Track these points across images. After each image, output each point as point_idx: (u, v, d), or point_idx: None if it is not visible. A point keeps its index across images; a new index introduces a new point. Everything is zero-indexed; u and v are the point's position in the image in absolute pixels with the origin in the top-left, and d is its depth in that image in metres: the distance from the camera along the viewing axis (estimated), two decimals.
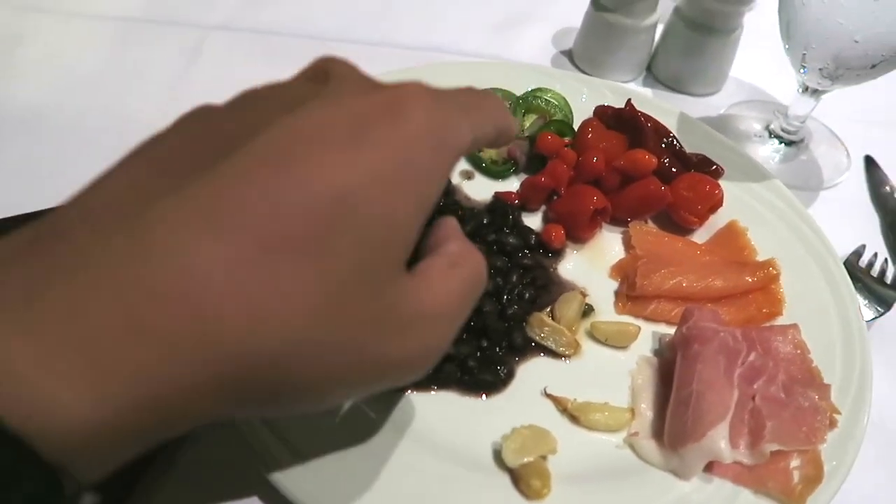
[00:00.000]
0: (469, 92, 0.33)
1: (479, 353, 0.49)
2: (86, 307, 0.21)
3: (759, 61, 0.83)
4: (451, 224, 0.34)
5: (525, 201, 0.60)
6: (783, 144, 0.74)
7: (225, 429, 0.42)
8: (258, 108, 0.28)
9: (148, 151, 0.27)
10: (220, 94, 0.71)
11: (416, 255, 0.30)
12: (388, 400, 0.46)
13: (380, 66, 0.70)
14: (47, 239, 0.23)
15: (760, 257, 0.58)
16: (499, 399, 0.48)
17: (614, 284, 0.57)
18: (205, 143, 0.26)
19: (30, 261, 0.22)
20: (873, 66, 0.58)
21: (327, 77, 0.30)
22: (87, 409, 0.21)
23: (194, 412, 0.24)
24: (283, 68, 0.73)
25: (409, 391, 0.47)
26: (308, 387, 0.26)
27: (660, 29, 0.79)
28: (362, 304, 0.26)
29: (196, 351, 0.22)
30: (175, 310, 0.22)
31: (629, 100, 0.64)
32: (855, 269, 0.60)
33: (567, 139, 0.63)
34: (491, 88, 0.67)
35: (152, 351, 0.22)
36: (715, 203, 0.59)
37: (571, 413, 0.47)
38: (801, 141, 0.74)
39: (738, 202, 0.61)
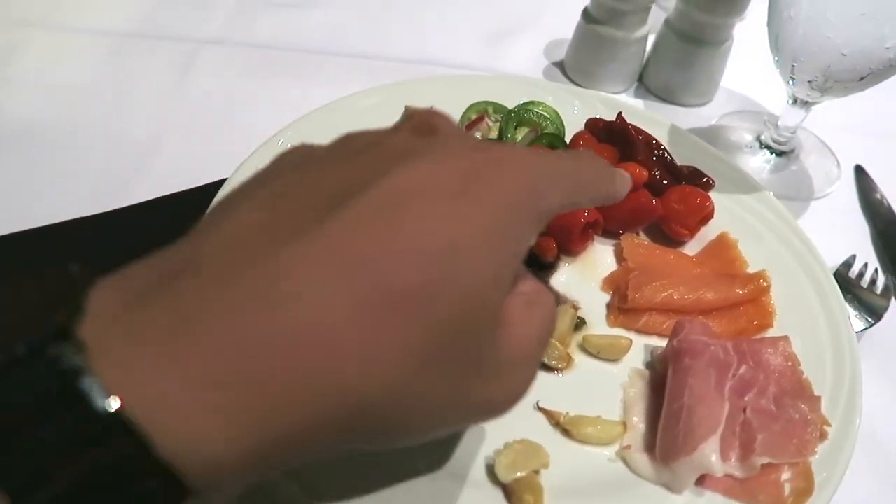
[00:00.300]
0: (574, 157, 0.35)
1: None
2: (226, 347, 0.22)
3: (749, 72, 0.84)
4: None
5: None
6: (774, 155, 0.74)
7: None
8: (368, 156, 0.28)
9: (257, 192, 0.27)
10: (213, 108, 0.71)
11: None
12: None
13: (372, 80, 0.71)
14: (182, 275, 0.24)
15: (751, 269, 0.58)
16: None
17: (606, 297, 0.57)
18: (317, 190, 0.26)
19: (170, 295, 0.23)
20: (861, 79, 0.59)
21: (433, 132, 0.31)
22: (222, 446, 0.22)
23: (307, 449, 0.24)
24: (277, 82, 0.74)
25: None
26: (406, 428, 0.27)
27: (651, 40, 0.79)
28: (462, 354, 0.27)
29: (318, 396, 0.23)
30: (304, 355, 0.23)
31: (620, 113, 0.64)
32: (845, 279, 0.61)
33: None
34: (483, 101, 0.67)
35: (283, 396, 0.23)
36: (706, 215, 0.60)
37: (564, 427, 0.48)
38: (792, 151, 0.75)
39: (728, 214, 0.62)
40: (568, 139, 0.65)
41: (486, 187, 0.27)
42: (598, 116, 0.66)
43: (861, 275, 0.62)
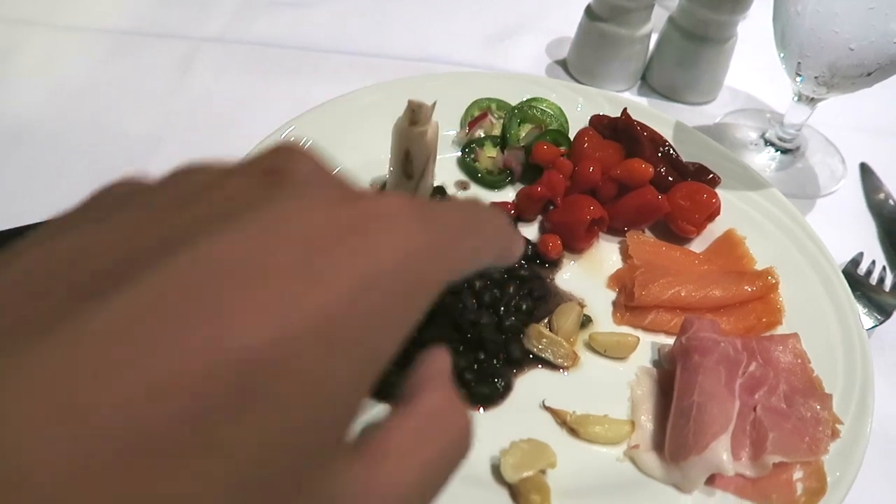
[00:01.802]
0: (467, 208, 0.27)
1: (476, 366, 0.49)
2: None
3: (753, 70, 0.83)
4: (440, 363, 0.27)
5: (521, 212, 0.60)
6: (779, 152, 0.73)
7: None
8: (190, 209, 0.21)
9: (30, 252, 0.20)
10: (214, 105, 0.70)
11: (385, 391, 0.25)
12: (382, 413, 0.45)
13: (374, 77, 0.70)
14: None
15: (758, 266, 0.57)
16: (497, 412, 0.47)
17: (612, 295, 0.56)
18: (101, 258, 0.19)
19: None
20: (869, 74, 0.58)
21: (286, 177, 0.23)
22: None
23: None
24: (278, 80, 0.73)
25: None
26: None
27: (654, 38, 0.79)
28: None
29: None
30: None
31: (625, 109, 0.63)
32: (853, 277, 0.60)
33: (563, 149, 0.63)
34: (486, 98, 0.66)
35: None
36: (712, 212, 0.59)
37: (570, 426, 0.47)
38: (797, 149, 0.74)
39: (735, 211, 0.61)
40: (571, 136, 0.64)
41: (336, 260, 0.20)
42: (602, 113, 0.65)
43: (869, 272, 0.61)
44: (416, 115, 0.52)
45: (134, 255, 0.19)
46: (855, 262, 0.62)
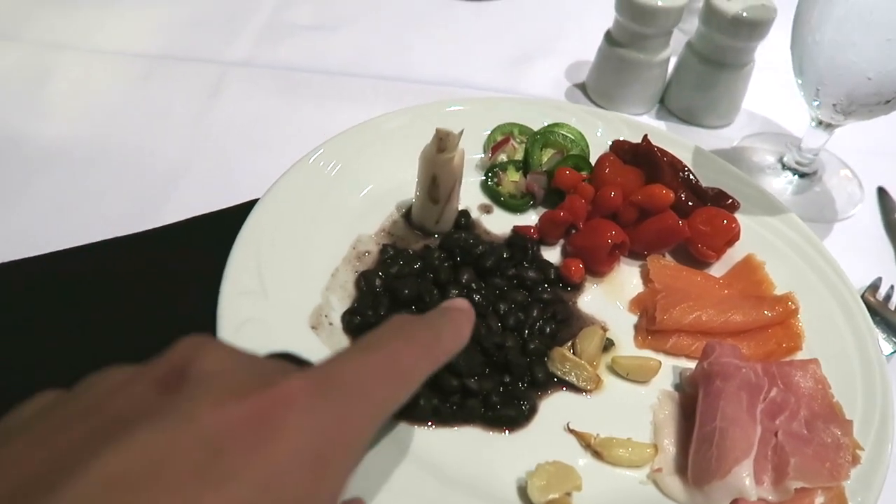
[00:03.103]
0: (373, 359, 0.28)
1: (501, 389, 0.50)
2: None
3: (770, 94, 0.84)
4: None
5: (544, 235, 0.61)
6: (796, 176, 0.74)
7: None
8: (81, 427, 0.22)
9: None
10: (240, 129, 0.72)
11: None
12: (409, 436, 0.46)
13: (398, 101, 0.72)
14: None
15: (778, 291, 0.58)
16: (522, 434, 0.48)
17: (633, 318, 0.57)
18: (12, 476, 0.20)
19: None
20: (886, 102, 0.59)
21: (182, 380, 0.24)
22: None
23: None
24: (303, 103, 0.75)
25: (432, 426, 0.47)
26: None
27: (672, 63, 0.80)
28: None
29: None
30: None
31: (646, 135, 0.65)
32: (872, 302, 0.61)
33: (584, 174, 0.64)
34: (509, 123, 0.68)
35: None
36: (732, 237, 0.60)
37: (595, 448, 0.48)
38: (815, 173, 0.75)
39: (754, 235, 0.62)
40: (592, 160, 0.65)
41: (238, 459, 0.21)
42: (622, 139, 0.66)
43: (888, 297, 0.62)
44: (443, 143, 0.53)
45: (38, 477, 0.20)
46: (874, 287, 0.63)
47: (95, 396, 0.24)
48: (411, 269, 0.56)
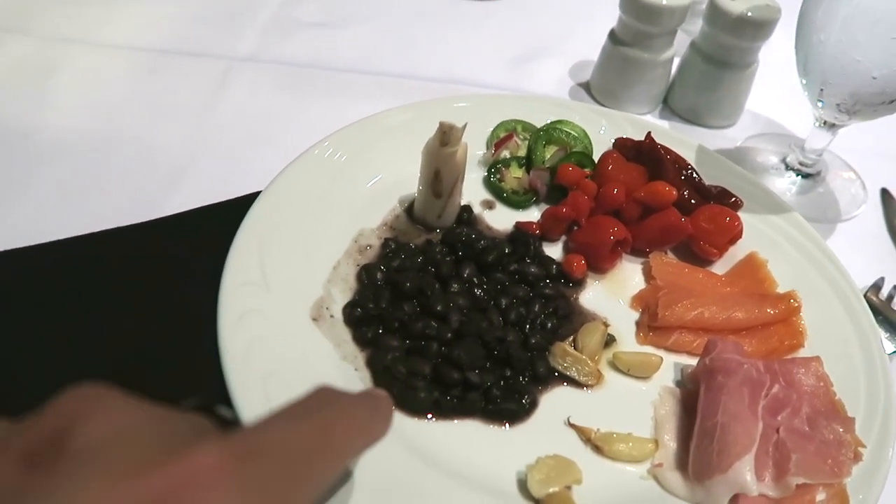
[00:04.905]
0: (304, 428, 0.24)
1: (502, 383, 0.50)
2: None
3: (774, 94, 0.84)
4: None
5: (546, 231, 0.61)
6: (800, 177, 0.74)
7: None
8: None
9: None
10: (246, 123, 0.73)
11: None
12: (411, 430, 0.46)
13: (402, 97, 0.72)
14: None
15: (780, 289, 0.58)
16: (522, 428, 0.48)
17: (635, 315, 0.57)
18: None
19: None
20: (891, 102, 0.59)
21: (59, 452, 0.19)
22: None
23: None
24: (308, 99, 0.75)
25: (433, 419, 0.47)
26: None
27: (676, 63, 0.80)
28: None
29: None
30: None
31: (649, 133, 0.65)
32: (875, 301, 0.61)
33: (587, 170, 0.64)
34: (512, 119, 0.68)
35: None
36: (735, 235, 0.60)
37: (595, 443, 0.48)
38: (818, 174, 0.75)
39: (757, 234, 0.62)
40: (595, 157, 0.65)
41: None
42: (625, 136, 0.67)
43: (891, 297, 0.62)
44: (446, 137, 0.53)
45: None
46: (876, 286, 0.62)
47: None
48: (413, 262, 0.56)
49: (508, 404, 0.48)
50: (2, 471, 0.18)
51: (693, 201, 0.61)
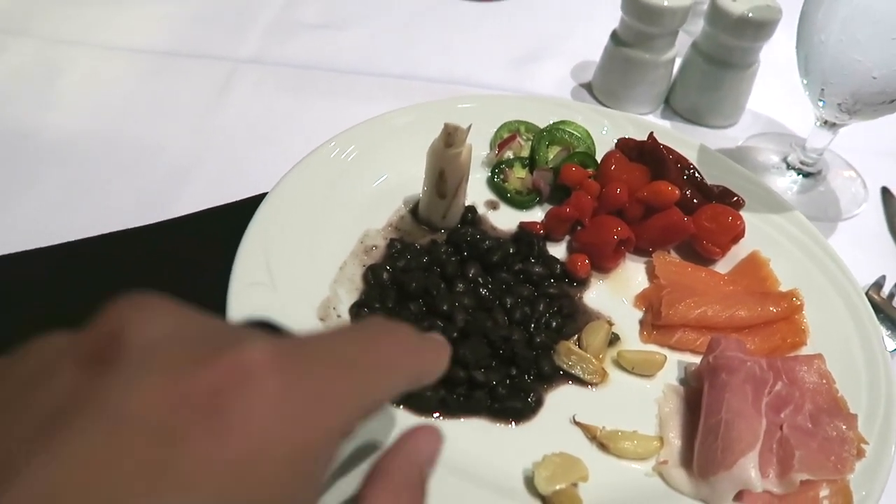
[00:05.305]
0: (357, 337, 0.24)
1: (508, 381, 0.50)
2: None
3: (775, 94, 0.85)
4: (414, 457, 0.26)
5: (550, 231, 0.62)
6: (801, 176, 0.75)
7: None
8: (18, 417, 0.19)
9: None
10: (249, 125, 0.73)
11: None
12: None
13: (405, 99, 0.73)
14: None
15: (782, 287, 0.58)
16: (528, 426, 0.49)
17: (639, 313, 0.57)
18: None
19: None
20: (891, 102, 0.59)
21: (117, 352, 0.20)
22: None
23: None
24: (311, 100, 0.76)
25: (439, 417, 0.48)
26: None
27: (678, 63, 0.80)
28: None
29: None
30: None
31: (651, 133, 0.65)
32: (876, 300, 0.61)
33: (590, 171, 0.64)
34: (515, 120, 0.68)
35: None
36: (737, 234, 0.60)
37: (600, 441, 0.48)
38: (819, 172, 0.75)
39: (759, 233, 0.62)
40: (598, 158, 0.66)
41: (191, 451, 0.18)
42: (627, 137, 0.67)
43: (892, 295, 0.62)
44: (451, 138, 0.54)
45: None
46: (878, 284, 0.63)
47: (19, 386, 0.20)
48: (418, 263, 0.56)
49: (514, 403, 0.49)
50: (69, 373, 0.19)
51: (695, 201, 0.62)
